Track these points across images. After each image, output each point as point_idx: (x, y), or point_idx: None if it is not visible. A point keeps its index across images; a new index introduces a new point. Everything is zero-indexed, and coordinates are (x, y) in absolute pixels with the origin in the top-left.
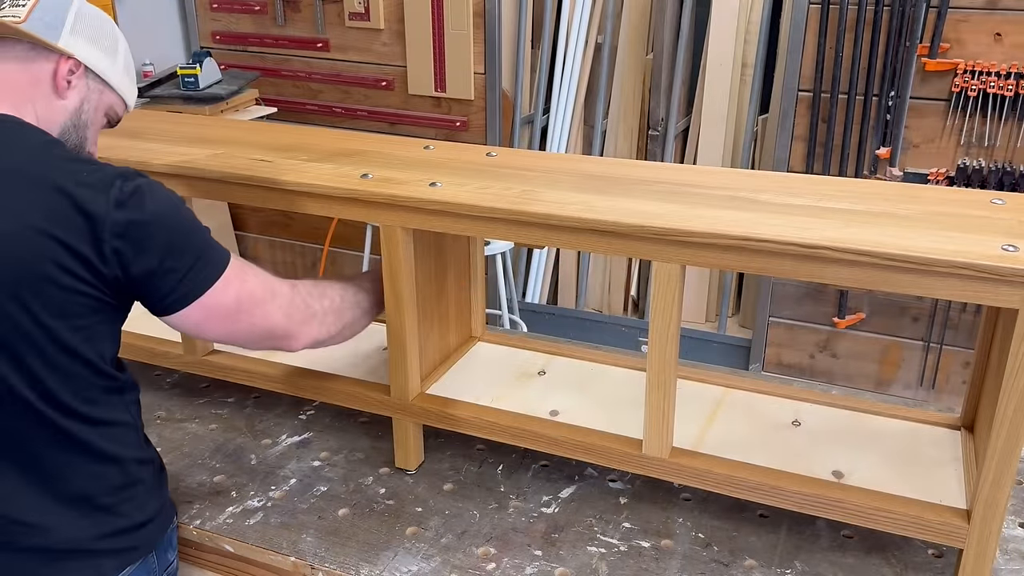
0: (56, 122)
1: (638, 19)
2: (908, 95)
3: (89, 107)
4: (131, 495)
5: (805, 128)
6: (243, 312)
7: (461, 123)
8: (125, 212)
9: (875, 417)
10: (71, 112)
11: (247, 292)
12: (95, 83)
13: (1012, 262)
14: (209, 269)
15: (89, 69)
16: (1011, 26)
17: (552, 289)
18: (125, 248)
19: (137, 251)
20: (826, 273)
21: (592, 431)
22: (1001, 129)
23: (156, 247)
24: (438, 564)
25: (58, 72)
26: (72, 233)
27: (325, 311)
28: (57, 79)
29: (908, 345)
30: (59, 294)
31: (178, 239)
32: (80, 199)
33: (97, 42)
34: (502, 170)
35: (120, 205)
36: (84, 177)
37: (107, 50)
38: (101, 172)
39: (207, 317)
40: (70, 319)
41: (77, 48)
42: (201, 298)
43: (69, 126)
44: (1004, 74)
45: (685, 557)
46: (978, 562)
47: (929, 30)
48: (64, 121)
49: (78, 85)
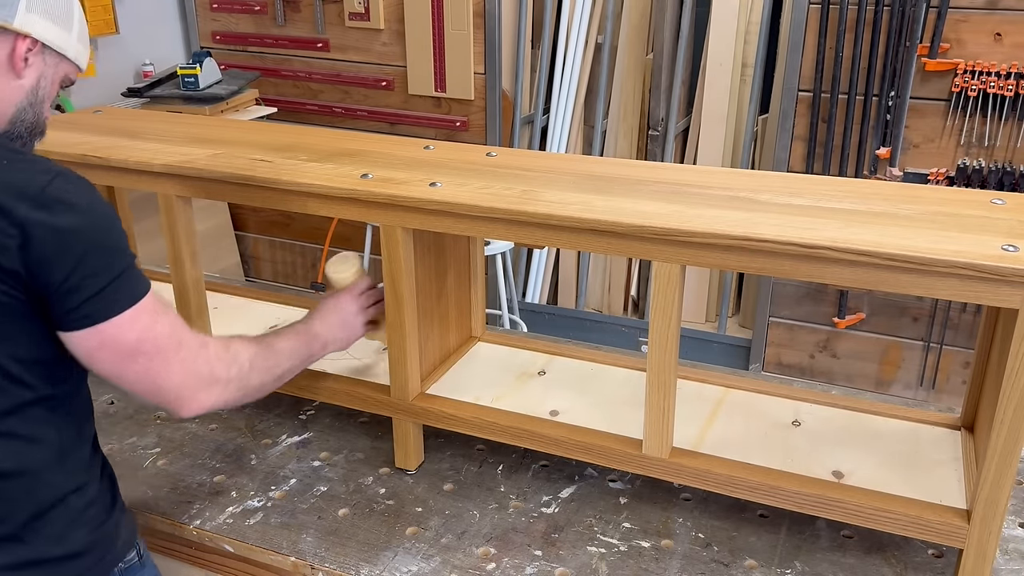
0: (12, 102)
1: (638, 19)
2: (908, 95)
3: (46, 82)
4: (44, 524)
5: (805, 128)
6: (140, 355)
7: (461, 123)
8: (44, 215)
9: (875, 417)
10: (28, 90)
11: (152, 335)
12: (52, 57)
13: (1012, 262)
14: (120, 296)
15: (46, 45)
16: (1011, 26)
17: (552, 289)
18: (34, 251)
19: (47, 258)
20: (826, 273)
21: (592, 431)
22: (1001, 129)
23: (69, 259)
24: (438, 564)
25: (15, 53)
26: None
27: (229, 379)
28: (14, 61)
29: (908, 345)
30: None
31: (95, 256)
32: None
33: (53, 15)
34: (502, 170)
35: (41, 206)
36: (8, 172)
37: (63, 22)
38: (30, 169)
39: (100, 347)
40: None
41: (33, 26)
42: (101, 324)
43: (25, 105)
44: (1004, 74)
45: (685, 557)
46: (978, 562)
47: (929, 30)
48: (20, 100)
49: (35, 62)
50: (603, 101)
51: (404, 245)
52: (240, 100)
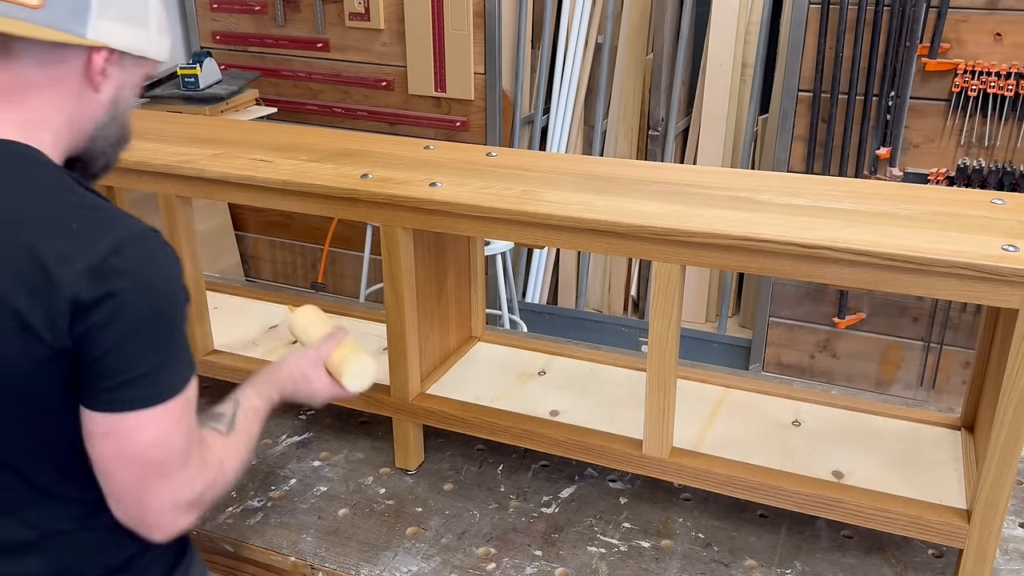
0: (90, 120)
1: (638, 19)
2: (908, 95)
3: (127, 92)
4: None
5: (805, 128)
6: (141, 464)
7: (461, 123)
8: (101, 287)
9: (875, 417)
10: (107, 105)
11: (165, 444)
12: (131, 62)
13: (1012, 262)
14: (153, 389)
15: (124, 52)
16: (1011, 26)
17: (552, 289)
18: (81, 325)
19: (94, 329)
20: (826, 273)
21: (592, 431)
22: (1001, 129)
23: (115, 332)
24: (438, 564)
25: (92, 68)
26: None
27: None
28: (91, 76)
29: (908, 345)
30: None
31: (143, 337)
32: (54, 268)
33: (128, 16)
34: (502, 170)
35: (100, 278)
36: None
37: (138, 19)
38: (101, 232)
39: (106, 436)
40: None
41: (109, 35)
42: (117, 414)
43: (106, 120)
44: (1004, 74)
45: (685, 557)
46: (978, 562)
47: (929, 30)
48: (100, 116)
49: (113, 73)
50: (603, 101)
51: (404, 245)
52: (240, 100)
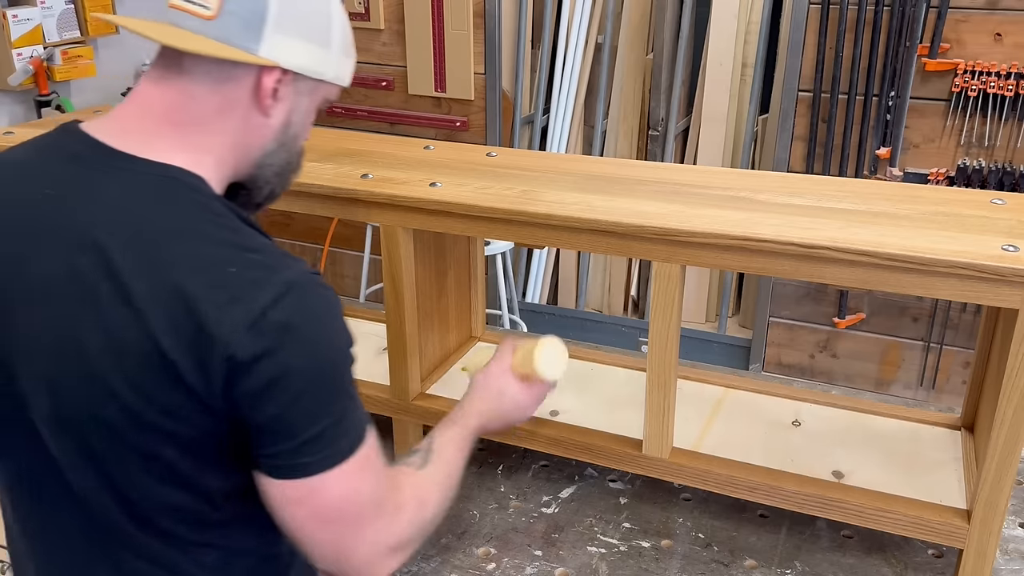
0: (257, 147)
1: (638, 19)
2: (908, 95)
3: (299, 117)
4: None
5: (805, 128)
6: (336, 522)
7: (461, 123)
8: (261, 344)
9: (875, 417)
10: (276, 130)
11: (356, 499)
12: (306, 84)
13: (1012, 262)
14: (333, 449)
15: (299, 73)
16: (1011, 26)
17: (552, 289)
18: (240, 387)
19: (255, 394)
20: (826, 273)
21: (592, 431)
22: (1001, 129)
23: (282, 398)
24: (438, 564)
25: (261, 89)
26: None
27: (413, 539)
28: (260, 98)
29: (908, 345)
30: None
31: (314, 398)
32: (212, 321)
33: (308, 33)
34: (502, 170)
35: (260, 334)
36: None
37: (320, 39)
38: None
39: (295, 503)
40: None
41: (283, 53)
42: (300, 480)
43: (274, 147)
44: (1004, 74)
45: (685, 557)
46: (978, 562)
47: (929, 30)
48: (267, 144)
49: (285, 95)
50: (603, 101)
51: (404, 245)
52: None
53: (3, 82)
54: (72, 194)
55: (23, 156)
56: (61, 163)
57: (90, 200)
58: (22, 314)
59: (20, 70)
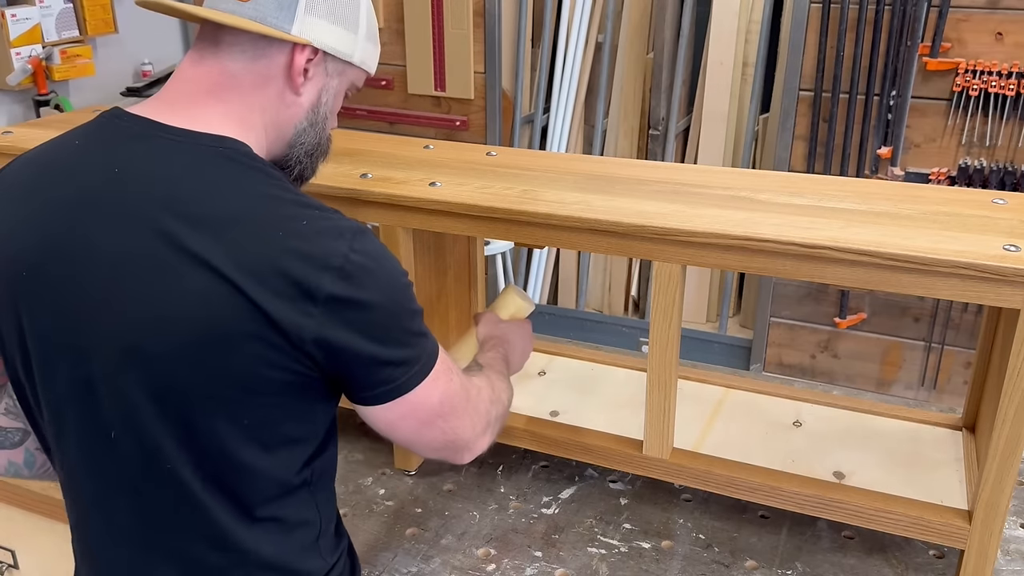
0: (290, 124)
1: (639, 18)
2: (909, 95)
3: (328, 96)
4: None
5: (806, 128)
6: (440, 417)
7: (461, 123)
8: (346, 287)
9: (876, 418)
10: (307, 109)
11: (450, 395)
12: (335, 65)
13: (1014, 262)
14: (422, 364)
15: (328, 53)
16: (1012, 25)
17: (552, 289)
18: (335, 329)
19: (350, 335)
20: (827, 273)
21: (592, 431)
22: (1002, 129)
23: (373, 334)
24: (438, 565)
25: (294, 66)
26: (278, 302)
27: (491, 420)
28: (292, 74)
29: (909, 345)
30: (247, 363)
31: (397, 328)
32: (299, 273)
33: (337, 16)
34: (502, 170)
35: (345, 277)
36: (304, 244)
37: (348, 22)
38: (332, 230)
39: (404, 417)
40: (258, 393)
41: (314, 32)
42: (407, 395)
43: (304, 126)
44: (1005, 74)
45: (686, 558)
46: (979, 563)
47: (930, 29)
48: (299, 122)
49: (315, 75)
50: (603, 100)
51: (404, 245)
52: None
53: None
54: (139, 169)
55: (79, 139)
56: (122, 142)
57: (158, 174)
58: (99, 293)
59: (19, 69)
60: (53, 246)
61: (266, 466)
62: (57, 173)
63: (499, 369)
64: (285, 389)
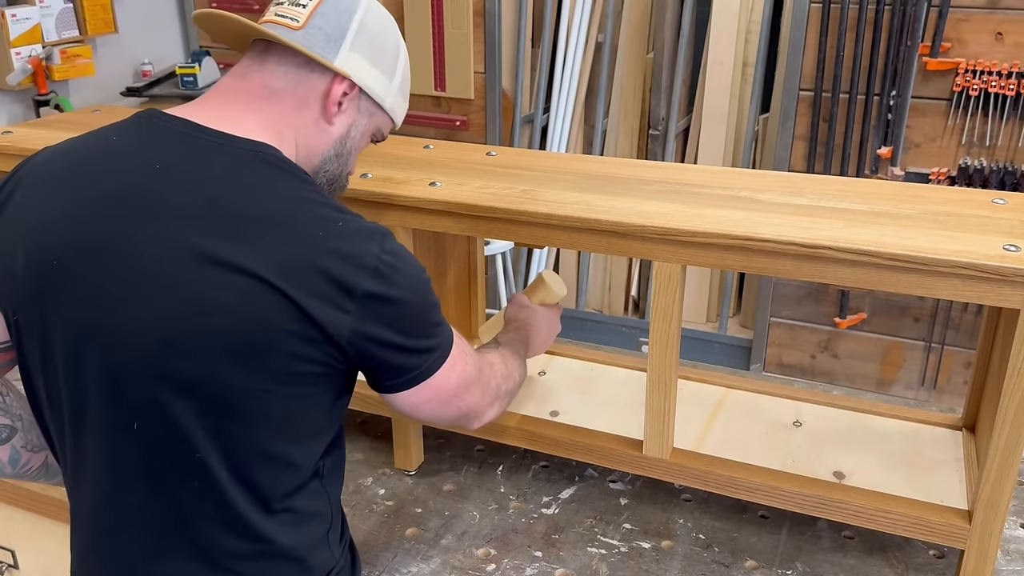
0: (318, 150)
1: (638, 18)
2: (909, 94)
3: (356, 133)
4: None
5: (806, 127)
6: (456, 396)
7: (461, 123)
8: (380, 285)
9: (876, 418)
10: (336, 139)
11: (466, 376)
12: (367, 105)
13: (1014, 262)
14: (441, 351)
15: (364, 91)
16: (1012, 25)
17: None
18: (369, 324)
19: (381, 329)
20: (827, 273)
21: (592, 432)
22: (1002, 129)
23: (402, 327)
24: (438, 565)
25: (331, 95)
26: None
27: (508, 392)
28: (328, 103)
29: (909, 345)
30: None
31: (422, 320)
32: (338, 272)
33: (377, 60)
34: (502, 170)
35: (379, 277)
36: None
37: (386, 68)
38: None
39: (427, 400)
40: (291, 386)
41: (354, 68)
42: (429, 380)
43: (331, 155)
44: (1005, 74)
45: (686, 558)
46: (979, 563)
47: (930, 29)
48: (327, 150)
49: (348, 108)
50: (603, 100)
51: (404, 245)
52: None
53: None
54: (178, 169)
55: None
56: (161, 141)
57: (197, 174)
58: (134, 287)
59: (19, 69)
60: (89, 240)
61: (293, 457)
62: (95, 168)
63: (515, 349)
64: (316, 381)
